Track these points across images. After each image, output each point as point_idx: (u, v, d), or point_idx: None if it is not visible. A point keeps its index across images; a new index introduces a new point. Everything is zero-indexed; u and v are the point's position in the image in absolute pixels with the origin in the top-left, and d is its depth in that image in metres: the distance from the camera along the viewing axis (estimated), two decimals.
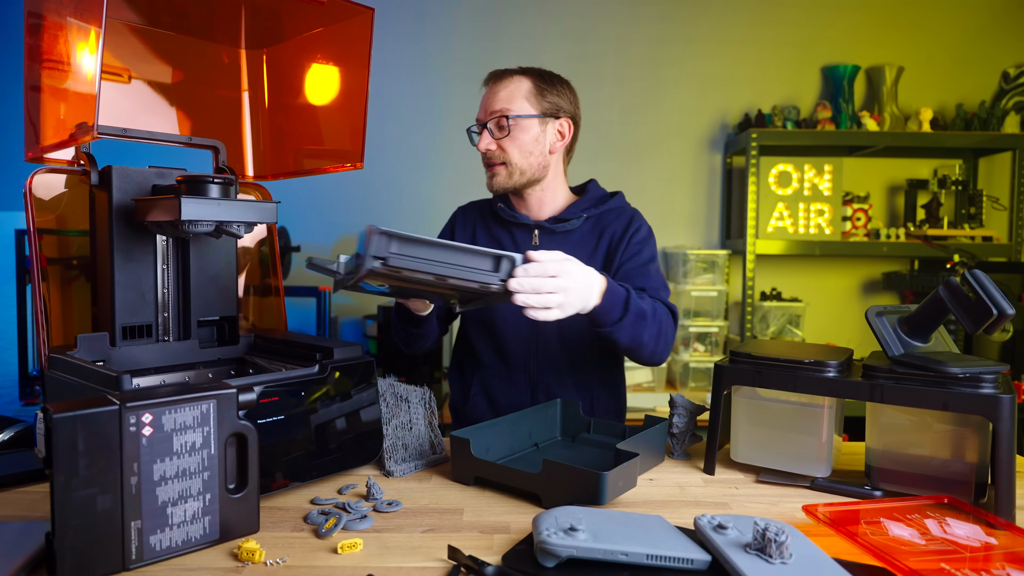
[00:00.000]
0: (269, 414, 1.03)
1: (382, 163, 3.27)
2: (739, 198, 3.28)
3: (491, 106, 1.48)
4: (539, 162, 1.50)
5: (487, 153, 1.49)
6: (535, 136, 1.49)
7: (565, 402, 1.37)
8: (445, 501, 1.06)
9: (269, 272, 1.50)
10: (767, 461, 1.17)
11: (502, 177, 1.50)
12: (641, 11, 3.31)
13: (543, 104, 1.49)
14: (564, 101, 1.52)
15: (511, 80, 1.49)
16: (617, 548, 0.78)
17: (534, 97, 1.48)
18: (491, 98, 1.49)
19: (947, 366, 1.01)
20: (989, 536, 0.88)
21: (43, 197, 1.18)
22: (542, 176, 1.52)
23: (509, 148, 1.48)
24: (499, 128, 1.47)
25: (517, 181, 1.50)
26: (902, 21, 3.33)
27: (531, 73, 1.50)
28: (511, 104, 1.47)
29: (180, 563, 0.84)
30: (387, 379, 1.27)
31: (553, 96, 1.50)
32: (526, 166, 1.49)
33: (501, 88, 1.49)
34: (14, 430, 1.24)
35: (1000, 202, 3.31)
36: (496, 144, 1.48)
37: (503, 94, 1.48)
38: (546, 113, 1.49)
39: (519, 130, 1.47)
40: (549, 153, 1.51)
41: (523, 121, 1.47)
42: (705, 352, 3.09)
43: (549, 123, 1.50)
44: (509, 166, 1.49)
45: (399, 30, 3.27)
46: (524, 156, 1.49)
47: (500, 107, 1.47)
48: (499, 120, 1.47)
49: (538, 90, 1.49)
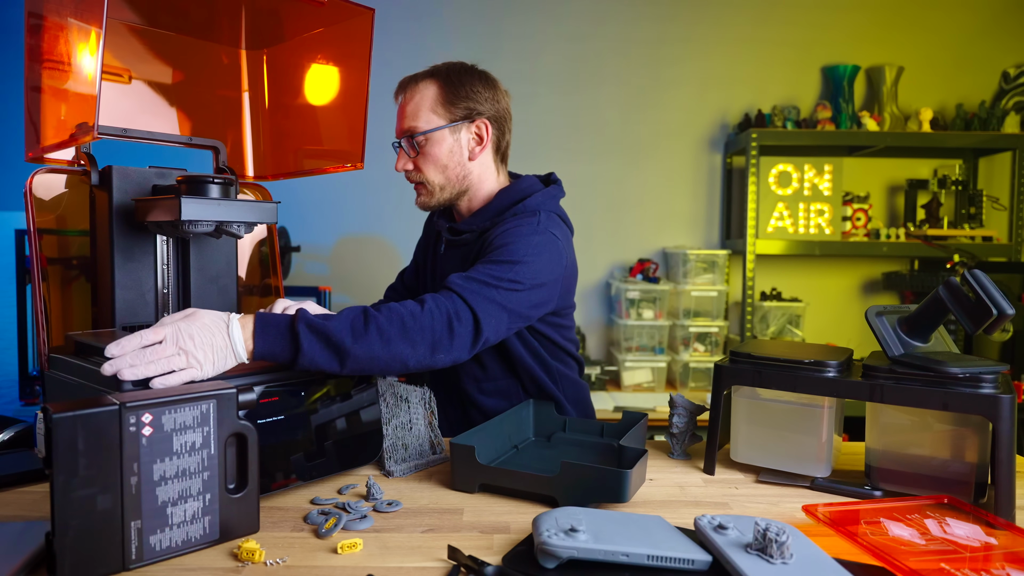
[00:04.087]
0: (269, 414, 1.03)
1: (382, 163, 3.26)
2: (739, 198, 3.28)
3: (400, 122, 1.39)
4: (458, 174, 1.40)
5: (405, 173, 1.41)
6: (449, 148, 1.37)
7: (538, 402, 1.36)
8: (445, 501, 1.06)
9: (269, 272, 1.50)
10: (767, 461, 1.17)
11: (424, 196, 1.42)
12: (641, 11, 3.31)
13: (453, 111, 1.37)
14: (478, 101, 1.38)
15: (416, 90, 1.38)
16: (618, 549, 0.78)
17: (442, 105, 1.37)
18: (400, 113, 1.39)
19: (947, 366, 1.01)
20: (989, 536, 0.88)
21: (43, 197, 1.18)
22: (466, 187, 1.42)
23: (424, 166, 1.38)
24: (411, 147, 1.38)
25: (439, 198, 1.41)
26: (902, 21, 3.33)
27: (439, 76, 1.38)
28: (417, 120, 1.36)
29: (180, 563, 0.84)
30: (387, 379, 1.27)
31: (463, 99, 1.37)
32: (444, 182, 1.39)
33: (408, 101, 1.38)
34: (14, 430, 1.24)
35: (1000, 202, 3.31)
36: (412, 163, 1.39)
37: (410, 108, 1.37)
38: (458, 119, 1.37)
39: (431, 145, 1.37)
40: (469, 160, 1.40)
41: (433, 135, 1.36)
42: (705, 352, 3.09)
43: (463, 129, 1.38)
44: (428, 185, 1.40)
45: (399, 30, 3.27)
46: (440, 172, 1.38)
47: (408, 124, 1.37)
48: (408, 139, 1.37)
49: (446, 96, 1.37)
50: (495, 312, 1.22)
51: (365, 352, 1.09)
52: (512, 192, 1.42)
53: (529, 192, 1.41)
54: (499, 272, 1.24)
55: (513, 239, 1.29)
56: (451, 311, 1.17)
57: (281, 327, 1.06)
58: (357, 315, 1.12)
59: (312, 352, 1.06)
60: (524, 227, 1.32)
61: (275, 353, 1.06)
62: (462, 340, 1.17)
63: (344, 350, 1.08)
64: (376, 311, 1.13)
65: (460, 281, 1.21)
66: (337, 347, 1.08)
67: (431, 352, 1.14)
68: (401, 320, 1.13)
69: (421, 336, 1.13)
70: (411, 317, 1.14)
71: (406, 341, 1.12)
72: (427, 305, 1.16)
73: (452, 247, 1.45)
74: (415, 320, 1.13)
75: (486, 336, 1.21)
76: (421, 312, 1.14)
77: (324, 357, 1.07)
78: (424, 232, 1.63)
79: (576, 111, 3.29)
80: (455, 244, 1.44)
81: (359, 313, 1.12)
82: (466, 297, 1.19)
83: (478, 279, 1.22)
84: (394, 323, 1.12)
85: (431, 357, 1.15)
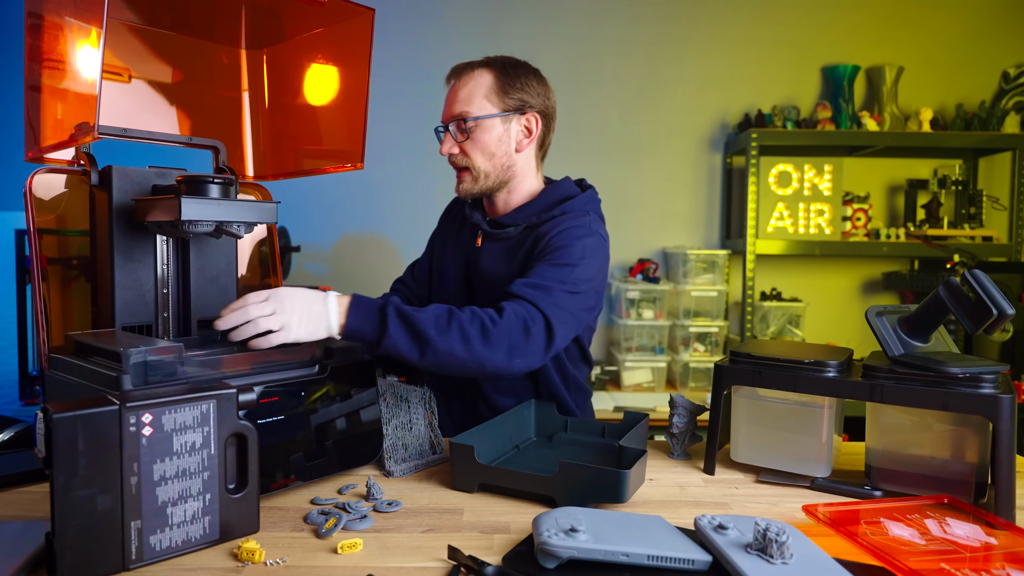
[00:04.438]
0: (269, 414, 1.03)
1: (382, 163, 3.27)
2: (739, 198, 3.28)
3: (451, 107, 1.39)
4: (504, 163, 1.41)
5: (449, 157, 1.41)
6: (498, 136, 1.39)
7: (539, 403, 1.36)
8: (445, 501, 1.06)
9: (269, 272, 1.50)
10: (767, 461, 1.17)
11: (467, 183, 1.41)
12: (641, 11, 3.31)
13: (507, 100, 1.38)
14: (531, 95, 1.40)
15: (471, 76, 1.39)
16: (618, 549, 0.78)
17: (496, 94, 1.38)
18: (451, 98, 1.40)
19: (947, 366, 1.01)
20: (989, 536, 0.88)
21: (43, 197, 1.18)
22: (509, 178, 1.43)
23: (471, 152, 1.39)
24: (459, 131, 1.38)
25: (483, 185, 1.41)
26: (902, 21, 3.33)
27: (495, 65, 1.40)
28: (470, 105, 1.37)
29: (180, 563, 0.84)
30: (387, 379, 1.27)
31: (518, 91, 1.39)
32: (491, 169, 1.40)
33: (461, 87, 1.39)
34: (14, 430, 1.24)
35: (1000, 202, 3.31)
36: (458, 148, 1.39)
37: (463, 93, 1.38)
38: (510, 109, 1.39)
39: (480, 131, 1.37)
40: (516, 152, 1.41)
41: (484, 122, 1.37)
42: (705, 352, 3.09)
43: (513, 120, 1.40)
44: (473, 171, 1.40)
45: (399, 30, 3.27)
46: (487, 159, 1.39)
47: (459, 109, 1.38)
48: (459, 123, 1.38)
49: (501, 85, 1.38)
50: (565, 318, 1.26)
51: (446, 348, 1.15)
52: (556, 191, 1.45)
53: (573, 193, 1.44)
54: (562, 275, 1.28)
55: (570, 240, 1.32)
56: (527, 318, 1.21)
57: (372, 308, 1.14)
58: (442, 312, 1.17)
59: (396, 337, 1.13)
60: (579, 228, 1.35)
61: (363, 332, 1.14)
62: (537, 346, 1.21)
63: (426, 341, 1.14)
64: (460, 311, 1.18)
65: (530, 289, 1.24)
66: (420, 337, 1.14)
67: (508, 357, 1.18)
68: (482, 323, 1.17)
69: (499, 341, 1.17)
70: (491, 321, 1.18)
71: (486, 344, 1.17)
72: (506, 312, 1.20)
73: (492, 240, 1.44)
74: (495, 325, 1.18)
75: (558, 342, 1.25)
76: (500, 318, 1.19)
77: (406, 345, 1.14)
78: (442, 224, 1.62)
79: (576, 111, 3.28)
80: (495, 237, 1.44)
81: (444, 310, 1.18)
82: (539, 304, 1.23)
83: (545, 285, 1.25)
84: (475, 325, 1.17)
85: (508, 362, 1.19)
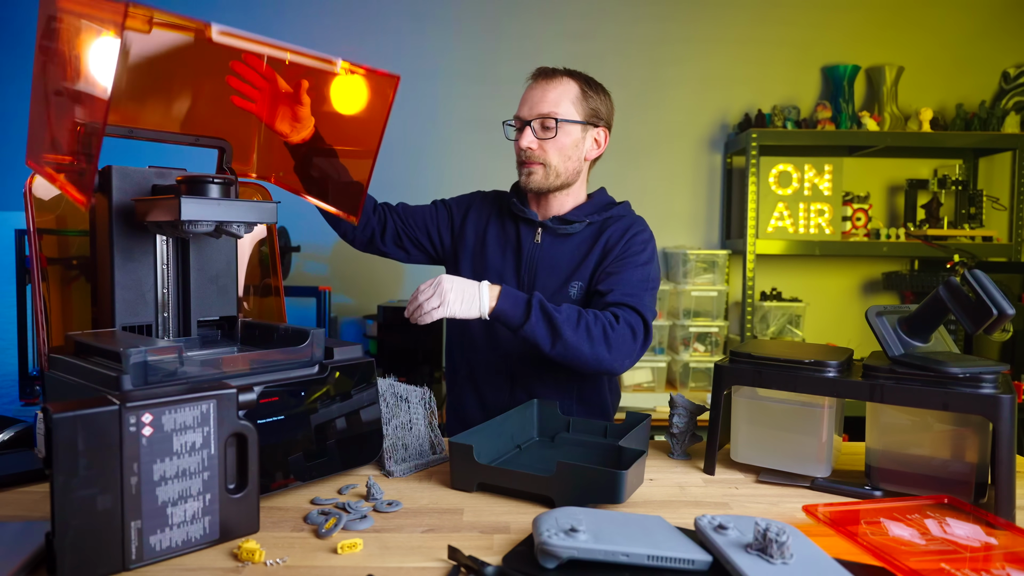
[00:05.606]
0: (269, 414, 1.03)
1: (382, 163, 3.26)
2: (739, 198, 3.28)
3: (539, 106, 1.48)
4: (575, 167, 1.52)
5: (527, 151, 1.50)
6: (575, 141, 1.51)
7: (542, 402, 1.37)
8: (445, 501, 1.06)
9: (269, 272, 1.50)
10: (767, 461, 1.17)
11: (539, 176, 1.51)
12: (641, 11, 3.31)
13: (586, 110, 1.50)
14: (604, 109, 1.54)
15: (560, 82, 1.50)
16: (618, 549, 0.78)
17: (580, 103, 1.50)
18: (539, 97, 1.49)
19: (947, 366, 1.01)
20: (989, 536, 0.88)
21: (43, 197, 1.18)
22: (574, 181, 1.54)
23: (550, 150, 1.49)
24: (544, 128, 1.48)
25: (552, 183, 1.51)
26: (902, 21, 3.33)
27: (578, 77, 1.51)
28: (559, 107, 1.47)
29: (180, 563, 0.84)
30: (387, 379, 1.27)
31: (595, 103, 1.52)
32: (563, 169, 1.51)
33: (551, 89, 1.49)
34: (14, 430, 1.24)
35: (1000, 202, 3.31)
36: (537, 144, 1.49)
37: (552, 95, 1.48)
38: (587, 120, 1.51)
39: (563, 133, 1.48)
40: (584, 159, 1.54)
41: (568, 125, 1.48)
42: (705, 352, 3.09)
43: (589, 130, 1.52)
44: (547, 167, 1.50)
45: (399, 30, 3.27)
46: (563, 160, 1.50)
47: (548, 109, 1.47)
48: (545, 121, 1.48)
49: (584, 96, 1.50)
50: (652, 316, 1.44)
51: (574, 343, 1.32)
52: (602, 197, 1.61)
53: (613, 200, 1.61)
54: (643, 275, 1.46)
55: (643, 243, 1.50)
56: (632, 324, 1.38)
57: (520, 298, 1.34)
58: (574, 312, 1.34)
59: (536, 325, 1.31)
60: (644, 232, 1.53)
61: (508, 315, 1.32)
62: (640, 347, 1.39)
63: (560, 334, 1.32)
64: (586, 313, 1.35)
65: (629, 297, 1.41)
66: (556, 330, 1.31)
67: (621, 358, 1.36)
68: (603, 326, 1.35)
69: (617, 343, 1.35)
70: (610, 326, 1.35)
71: (605, 345, 1.34)
72: (621, 317, 1.37)
73: (554, 235, 1.54)
74: (613, 329, 1.35)
75: (650, 340, 1.41)
76: (617, 323, 1.36)
77: (543, 334, 1.32)
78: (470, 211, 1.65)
79: None
80: (557, 233, 1.54)
81: (575, 311, 1.35)
82: (639, 309, 1.40)
83: (636, 293, 1.42)
84: (598, 327, 1.34)
85: (620, 363, 1.36)
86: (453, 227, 1.67)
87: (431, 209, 1.69)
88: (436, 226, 1.67)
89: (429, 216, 1.67)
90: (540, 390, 1.50)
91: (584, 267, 1.51)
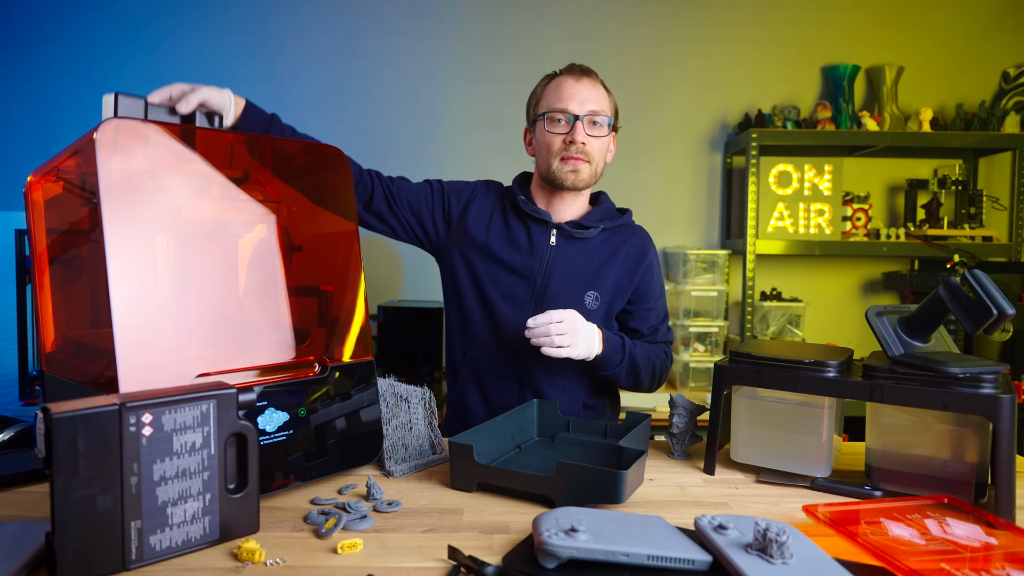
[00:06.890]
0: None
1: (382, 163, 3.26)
2: (739, 198, 3.28)
3: (588, 102, 1.47)
4: (601, 169, 1.53)
5: (580, 146, 1.46)
6: (606, 144, 1.53)
7: (542, 402, 1.36)
8: (445, 501, 1.06)
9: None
10: (767, 461, 1.17)
11: (586, 174, 1.49)
12: (641, 11, 3.31)
13: (614, 113, 1.53)
14: (618, 120, 1.57)
15: (597, 81, 1.51)
16: (618, 549, 0.78)
17: (611, 105, 1.52)
18: (587, 93, 1.48)
19: (947, 366, 1.01)
20: (989, 536, 0.88)
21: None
22: (594, 182, 1.55)
23: (597, 148, 1.49)
24: (593, 125, 1.48)
25: (589, 181, 1.51)
26: (902, 21, 3.33)
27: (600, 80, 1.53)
28: (605, 106, 1.49)
29: (180, 563, 0.84)
30: (387, 379, 1.27)
31: (615, 107, 1.55)
32: (600, 170, 1.52)
33: (595, 87, 1.49)
34: (14, 430, 1.24)
35: (1000, 202, 3.30)
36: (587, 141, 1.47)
37: (597, 94, 1.48)
38: (614, 124, 1.53)
39: (605, 134, 1.50)
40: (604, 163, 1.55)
41: (607, 127, 1.50)
42: (705, 352, 3.09)
43: (612, 134, 1.54)
44: (591, 165, 1.49)
45: (399, 30, 3.27)
46: (602, 160, 1.52)
47: (600, 107, 1.48)
48: (594, 117, 1.47)
49: (610, 98, 1.53)
50: None
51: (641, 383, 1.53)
52: (607, 201, 1.63)
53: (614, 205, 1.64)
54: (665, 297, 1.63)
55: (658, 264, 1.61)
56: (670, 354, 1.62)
57: (617, 344, 1.45)
58: (659, 358, 1.56)
59: (623, 370, 1.47)
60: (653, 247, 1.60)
61: (606, 362, 1.43)
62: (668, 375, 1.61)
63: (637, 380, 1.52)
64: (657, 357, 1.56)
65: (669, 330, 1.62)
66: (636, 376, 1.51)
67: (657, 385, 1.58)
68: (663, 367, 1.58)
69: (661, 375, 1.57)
70: (664, 367, 1.58)
71: (657, 381, 1.57)
72: (669, 354, 1.60)
73: (569, 239, 1.54)
74: (665, 368, 1.58)
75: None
76: (669, 362, 1.59)
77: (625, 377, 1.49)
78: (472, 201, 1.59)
79: None
80: (573, 237, 1.53)
81: (660, 360, 1.57)
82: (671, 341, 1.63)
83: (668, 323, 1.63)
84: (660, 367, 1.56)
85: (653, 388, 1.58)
86: (450, 218, 1.59)
87: (424, 189, 1.60)
88: (430, 211, 1.59)
89: (423, 198, 1.59)
90: (546, 386, 1.50)
91: (600, 278, 1.51)
